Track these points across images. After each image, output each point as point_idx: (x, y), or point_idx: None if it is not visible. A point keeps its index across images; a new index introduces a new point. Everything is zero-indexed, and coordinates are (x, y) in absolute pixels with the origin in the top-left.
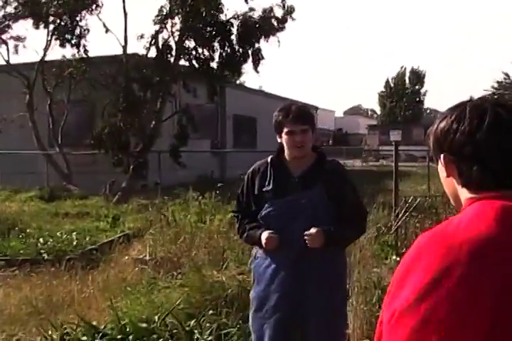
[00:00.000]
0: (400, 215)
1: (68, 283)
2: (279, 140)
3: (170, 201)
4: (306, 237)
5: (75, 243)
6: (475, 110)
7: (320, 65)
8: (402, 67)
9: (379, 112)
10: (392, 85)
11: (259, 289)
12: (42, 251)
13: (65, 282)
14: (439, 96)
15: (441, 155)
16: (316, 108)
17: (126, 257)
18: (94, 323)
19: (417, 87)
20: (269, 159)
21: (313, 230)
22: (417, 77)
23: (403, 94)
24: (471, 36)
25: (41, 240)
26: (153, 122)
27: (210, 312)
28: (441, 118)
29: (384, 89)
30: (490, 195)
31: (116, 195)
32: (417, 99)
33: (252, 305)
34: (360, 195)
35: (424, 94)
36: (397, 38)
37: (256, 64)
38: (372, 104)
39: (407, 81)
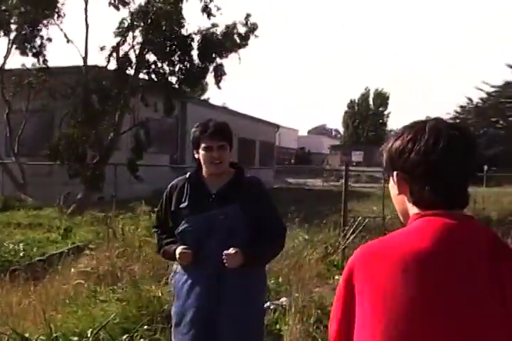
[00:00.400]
0: (348, 235)
1: (10, 293)
2: (196, 156)
3: (123, 214)
4: (224, 257)
5: (22, 254)
6: (431, 131)
7: (286, 83)
8: (366, 89)
9: (343, 133)
10: (356, 106)
11: (177, 304)
12: None
13: (6, 293)
14: (403, 118)
15: (394, 173)
16: (278, 126)
17: (72, 270)
18: (27, 335)
19: (380, 109)
20: (187, 175)
21: (231, 250)
22: (381, 98)
23: (367, 116)
24: (435, 57)
25: None
26: (111, 135)
27: (145, 327)
28: (397, 136)
29: (348, 109)
30: (435, 212)
31: (71, 207)
32: (381, 120)
33: (172, 320)
34: (313, 214)
35: (388, 116)
36: (363, 57)
37: (218, 80)
38: (337, 124)
39: (371, 102)
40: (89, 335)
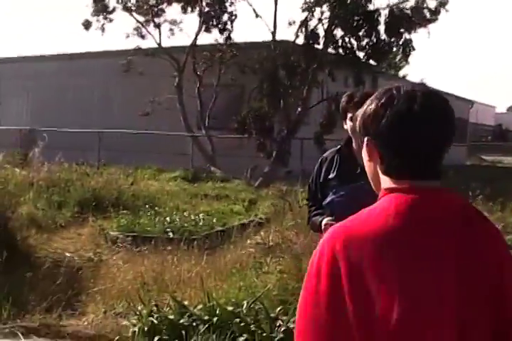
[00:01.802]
0: None
1: (183, 262)
2: (344, 126)
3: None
4: None
5: (201, 223)
6: (405, 97)
7: (486, 59)
8: None
9: None
10: None
11: None
12: (168, 230)
13: (179, 261)
14: None
15: (365, 139)
16: (472, 102)
17: (248, 241)
18: (186, 303)
19: None
20: (338, 147)
21: None
22: None
23: None
24: None
25: (168, 219)
26: (299, 109)
27: None
28: (372, 100)
29: None
30: (401, 188)
31: (258, 180)
32: None
33: None
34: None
35: None
36: None
37: (406, 55)
38: None
39: None
40: (245, 306)
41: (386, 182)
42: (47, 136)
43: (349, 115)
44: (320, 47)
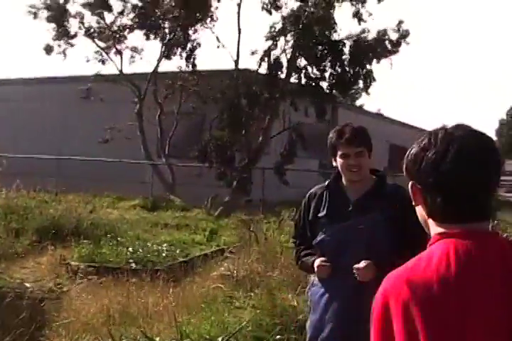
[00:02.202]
0: None
1: (148, 294)
2: (334, 163)
3: (268, 218)
4: (354, 271)
5: (164, 254)
6: (443, 138)
7: (439, 89)
8: None
9: (496, 141)
10: None
11: (314, 318)
12: (130, 260)
13: (145, 293)
14: None
15: (410, 183)
16: None
17: (213, 273)
18: (158, 339)
19: None
20: (326, 183)
21: (362, 264)
22: None
23: None
24: None
25: (131, 249)
26: (260, 138)
27: (278, 337)
28: (416, 143)
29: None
30: (453, 233)
31: (218, 209)
32: None
33: (308, 333)
34: None
35: None
36: None
37: (367, 86)
38: (490, 132)
39: None
40: None
41: (434, 229)
42: (5, 162)
43: (339, 152)
44: (283, 76)
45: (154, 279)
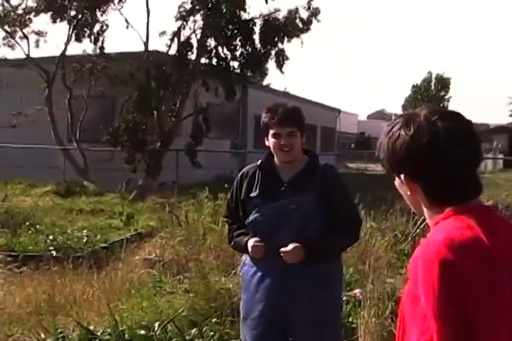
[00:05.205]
0: (419, 223)
1: (73, 282)
2: (266, 143)
3: (185, 201)
4: (281, 254)
5: (85, 240)
6: (430, 128)
7: (346, 67)
8: (428, 73)
9: None
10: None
11: (245, 298)
12: (51, 248)
13: (69, 281)
14: (464, 103)
15: (402, 176)
16: (339, 111)
17: (136, 257)
18: (92, 327)
19: (442, 93)
20: (258, 163)
21: (289, 247)
22: (443, 82)
23: (428, 100)
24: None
25: (51, 237)
26: (173, 120)
27: (214, 320)
28: (397, 135)
29: (412, 94)
30: (462, 209)
31: (133, 193)
32: (441, 105)
33: (241, 313)
34: (377, 200)
35: (449, 101)
36: (425, 41)
37: (280, 65)
38: (396, 108)
39: (433, 87)
40: (156, 328)
41: (435, 207)
42: None
43: (271, 132)
44: (193, 57)
45: (77, 266)
